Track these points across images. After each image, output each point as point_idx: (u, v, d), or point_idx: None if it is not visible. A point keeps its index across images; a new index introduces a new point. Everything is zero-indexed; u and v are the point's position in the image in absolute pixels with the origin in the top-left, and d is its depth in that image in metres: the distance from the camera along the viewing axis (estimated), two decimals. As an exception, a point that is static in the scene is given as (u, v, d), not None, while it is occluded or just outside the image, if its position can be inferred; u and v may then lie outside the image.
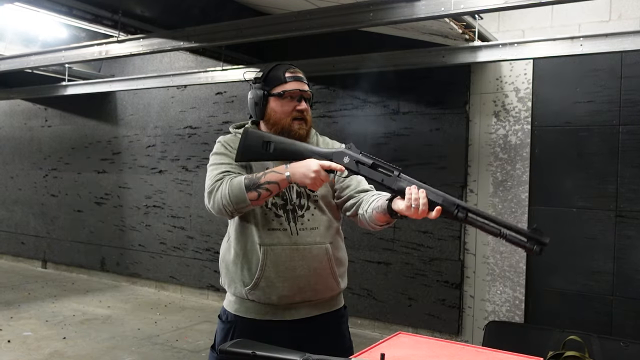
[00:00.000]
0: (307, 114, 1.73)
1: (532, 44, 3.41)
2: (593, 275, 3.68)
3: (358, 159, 1.53)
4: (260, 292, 1.66)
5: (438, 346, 1.52)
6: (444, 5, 2.65)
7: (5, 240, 7.35)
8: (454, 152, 4.13)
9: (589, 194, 3.68)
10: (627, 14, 3.58)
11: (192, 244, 5.62)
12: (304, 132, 1.71)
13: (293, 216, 1.67)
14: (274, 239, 1.65)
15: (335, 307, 1.79)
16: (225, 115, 5.41)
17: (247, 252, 1.68)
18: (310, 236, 1.68)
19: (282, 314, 1.69)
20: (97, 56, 4.01)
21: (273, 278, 1.64)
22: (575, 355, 3.23)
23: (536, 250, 1.38)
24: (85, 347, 3.97)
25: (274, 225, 1.66)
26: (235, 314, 1.73)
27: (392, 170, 1.50)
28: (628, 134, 3.57)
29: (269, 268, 1.64)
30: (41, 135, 6.96)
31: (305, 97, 1.73)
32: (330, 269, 1.71)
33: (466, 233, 4.12)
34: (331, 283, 1.72)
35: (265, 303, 1.68)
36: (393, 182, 1.48)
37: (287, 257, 1.65)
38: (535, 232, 1.38)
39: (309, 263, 1.66)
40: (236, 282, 1.71)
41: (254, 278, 1.65)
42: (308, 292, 1.68)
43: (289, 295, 1.66)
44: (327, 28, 3.05)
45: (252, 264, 1.67)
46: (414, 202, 1.43)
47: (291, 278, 1.65)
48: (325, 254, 1.69)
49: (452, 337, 4.12)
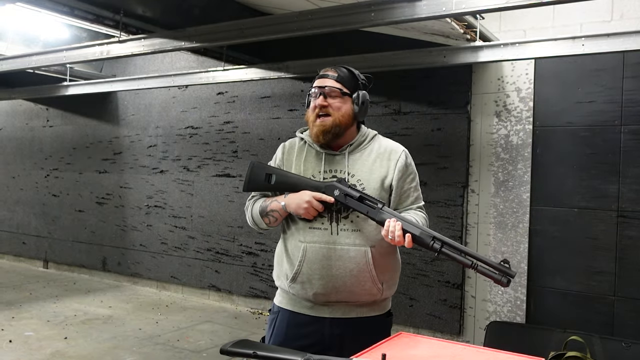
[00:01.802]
0: (330, 108, 1.75)
1: (534, 44, 3.41)
2: (595, 276, 3.67)
3: (347, 192, 1.69)
4: (299, 287, 1.74)
5: (439, 346, 1.52)
6: (445, 5, 2.65)
7: (6, 240, 7.36)
8: (456, 152, 4.13)
9: (590, 194, 3.68)
10: (629, 14, 3.57)
11: (193, 244, 5.62)
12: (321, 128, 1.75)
13: (337, 216, 1.73)
14: (314, 237, 1.73)
15: (376, 313, 1.79)
16: (226, 115, 5.41)
17: (291, 247, 1.77)
18: (349, 237, 1.72)
19: (320, 311, 1.75)
20: (98, 56, 4.01)
21: (310, 274, 1.72)
22: (577, 356, 3.22)
23: (503, 281, 1.54)
24: (86, 347, 3.98)
25: (316, 224, 1.74)
26: (279, 305, 1.84)
27: (376, 203, 1.66)
28: (630, 134, 3.57)
29: (307, 265, 1.72)
30: (42, 135, 6.97)
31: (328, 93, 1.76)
32: (369, 272, 1.71)
33: (467, 233, 4.12)
34: (370, 287, 1.73)
35: (304, 298, 1.76)
36: (376, 214, 1.65)
37: (323, 255, 1.71)
38: (504, 265, 1.53)
39: (345, 264, 1.70)
40: (282, 275, 1.81)
41: (293, 272, 1.74)
42: (344, 292, 1.72)
43: (324, 293, 1.72)
44: (328, 28, 3.05)
45: (294, 258, 1.75)
46: (390, 233, 1.60)
47: (327, 276, 1.70)
48: (364, 256, 1.71)
49: (453, 338, 4.12)
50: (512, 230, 3.93)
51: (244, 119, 5.26)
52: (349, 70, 1.81)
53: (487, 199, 4.03)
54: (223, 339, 4.20)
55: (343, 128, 1.77)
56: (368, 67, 3.95)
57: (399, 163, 1.80)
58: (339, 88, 1.77)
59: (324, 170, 1.78)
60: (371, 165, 1.79)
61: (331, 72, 1.80)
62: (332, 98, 1.76)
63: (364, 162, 1.79)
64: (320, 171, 1.78)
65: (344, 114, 1.76)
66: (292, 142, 1.90)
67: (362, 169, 1.78)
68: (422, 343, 1.52)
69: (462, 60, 3.64)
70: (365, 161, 1.79)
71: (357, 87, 1.81)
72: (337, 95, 1.76)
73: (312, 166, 1.80)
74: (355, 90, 1.80)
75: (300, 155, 1.83)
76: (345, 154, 1.79)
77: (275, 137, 5.00)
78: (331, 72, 1.80)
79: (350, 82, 1.79)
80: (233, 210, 5.33)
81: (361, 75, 1.84)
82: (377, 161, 1.80)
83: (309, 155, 1.83)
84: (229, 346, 1.35)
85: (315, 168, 1.80)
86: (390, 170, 1.79)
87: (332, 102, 1.76)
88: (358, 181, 1.75)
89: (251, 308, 5.20)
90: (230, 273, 5.33)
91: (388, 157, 1.81)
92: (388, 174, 1.78)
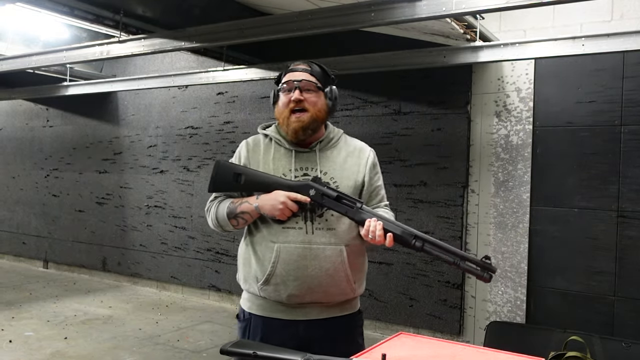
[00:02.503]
0: (307, 103, 1.69)
1: (534, 44, 3.41)
2: (595, 276, 3.67)
3: (323, 191, 1.63)
4: (271, 289, 1.67)
5: (439, 346, 1.52)
6: (445, 5, 2.64)
7: (6, 240, 7.36)
8: (456, 152, 4.13)
9: (590, 194, 3.68)
10: (629, 14, 3.57)
11: (193, 244, 5.62)
12: (300, 125, 1.68)
13: (311, 215, 1.67)
14: (288, 236, 1.66)
15: (348, 312, 1.76)
16: (226, 115, 5.41)
17: (261, 248, 1.70)
18: (325, 236, 1.67)
19: (294, 314, 1.69)
20: (98, 56, 4.01)
21: (284, 276, 1.65)
22: (577, 356, 3.22)
23: (486, 277, 1.54)
24: (86, 347, 3.98)
25: (290, 223, 1.67)
26: (249, 311, 1.76)
27: (354, 202, 1.62)
28: (630, 134, 3.57)
29: (281, 265, 1.65)
30: (42, 135, 6.97)
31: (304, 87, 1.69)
32: (344, 272, 1.68)
33: (467, 234, 4.12)
34: (344, 287, 1.70)
35: (276, 301, 1.69)
36: (355, 214, 1.61)
37: (299, 255, 1.64)
38: (485, 262, 1.53)
39: (321, 263, 1.65)
40: (250, 279, 1.73)
41: (265, 274, 1.66)
42: (319, 293, 1.67)
43: (299, 294, 1.66)
44: (328, 28, 3.05)
45: (265, 260, 1.67)
46: (370, 232, 1.57)
47: (302, 277, 1.64)
48: (340, 255, 1.67)
49: (453, 338, 4.12)
50: (512, 230, 3.93)
51: (244, 119, 5.26)
52: (319, 65, 1.76)
53: (487, 199, 4.03)
54: (223, 339, 4.20)
55: (319, 124, 1.72)
56: (368, 67, 3.96)
57: (369, 161, 1.78)
58: (314, 82, 1.71)
59: (295, 168, 1.72)
60: (343, 162, 1.75)
61: (304, 65, 1.73)
62: (307, 92, 1.69)
63: (335, 159, 1.75)
64: (291, 169, 1.71)
65: (320, 109, 1.71)
66: (256, 139, 1.81)
67: (334, 167, 1.73)
68: (422, 343, 1.52)
69: (462, 60, 3.64)
70: (337, 158, 1.75)
71: (328, 81, 1.76)
72: (313, 89, 1.70)
73: (282, 164, 1.73)
74: (327, 85, 1.75)
75: (268, 153, 1.75)
76: (315, 150, 1.74)
77: (275, 137, 4.98)
78: (304, 66, 1.73)
79: (322, 77, 1.74)
80: (233, 210, 5.32)
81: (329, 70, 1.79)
82: (349, 159, 1.76)
83: (277, 153, 1.75)
84: (229, 346, 1.35)
85: (285, 166, 1.72)
86: (362, 168, 1.76)
87: (307, 96, 1.69)
88: (331, 179, 1.71)
89: (251, 308, 5.19)
90: (230, 273, 5.33)
91: (358, 155, 1.78)
92: (359, 172, 1.75)
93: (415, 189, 4.27)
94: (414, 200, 4.27)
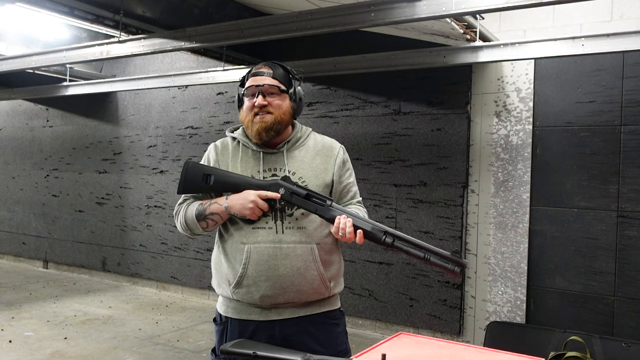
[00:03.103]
0: (271, 107, 1.69)
1: (534, 44, 3.41)
2: (595, 276, 3.67)
3: (293, 190, 1.63)
4: (244, 291, 1.66)
5: (439, 346, 1.52)
6: (445, 6, 2.65)
7: (6, 241, 7.36)
8: (456, 152, 4.13)
9: (590, 194, 3.68)
10: (629, 14, 3.57)
11: (193, 244, 5.62)
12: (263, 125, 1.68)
13: (280, 215, 1.67)
14: (258, 236, 1.65)
15: (325, 309, 1.74)
16: (226, 115, 5.41)
17: (232, 250, 1.69)
18: (295, 235, 1.66)
19: (269, 314, 1.68)
20: (98, 56, 4.01)
21: (255, 277, 1.64)
22: (577, 356, 3.22)
23: (456, 270, 1.52)
24: (86, 347, 3.98)
25: (260, 224, 1.66)
26: (224, 315, 1.74)
27: (324, 200, 1.61)
28: (630, 134, 3.57)
29: (252, 266, 1.64)
30: (42, 135, 6.97)
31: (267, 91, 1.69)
32: (316, 270, 1.66)
33: (467, 234, 4.12)
34: (318, 285, 1.68)
35: (249, 303, 1.67)
36: (325, 212, 1.61)
37: (269, 255, 1.63)
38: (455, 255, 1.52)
39: (292, 262, 1.64)
40: (223, 282, 1.72)
41: (237, 276, 1.65)
42: (291, 293, 1.65)
43: (271, 295, 1.64)
44: (328, 28, 3.05)
45: (236, 262, 1.66)
46: (340, 230, 1.57)
47: (273, 277, 1.63)
48: (311, 254, 1.66)
49: (453, 338, 4.12)
50: (512, 231, 3.93)
51: (244, 119, 5.26)
52: (282, 66, 1.75)
53: (487, 199, 4.03)
54: (223, 339, 4.20)
55: (284, 125, 1.72)
56: (368, 67, 3.96)
57: (338, 159, 1.77)
58: (277, 85, 1.70)
59: (264, 169, 1.71)
60: (311, 161, 1.74)
61: (266, 69, 1.72)
62: (270, 96, 1.69)
63: (303, 158, 1.75)
64: (260, 170, 1.71)
65: (285, 112, 1.71)
66: (224, 142, 1.80)
67: (302, 166, 1.73)
68: (422, 343, 1.52)
69: (462, 61, 3.64)
70: (304, 158, 1.75)
71: (291, 82, 1.75)
72: (276, 92, 1.70)
73: (250, 166, 1.73)
74: (291, 86, 1.74)
75: (236, 156, 1.75)
76: (283, 151, 1.74)
77: (275, 137, 4.98)
78: (266, 70, 1.72)
79: (285, 78, 1.73)
80: (233, 211, 5.32)
81: (294, 70, 1.78)
82: (317, 158, 1.76)
83: (244, 155, 1.74)
84: (229, 346, 1.35)
85: (254, 168, 1.72)
86: (330, 166, 1.75)
87: (271, 100, 1.69)
88: (300, 178, 1.70)
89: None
90: (230, 273, 5.33)
91: (327, 153, 1.78)
92: (328, 170, 1.75)
93: (415, 189, 4.27)
94: (414, 200, 4.27)
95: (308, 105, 4.86)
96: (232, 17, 3.87)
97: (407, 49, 3.82)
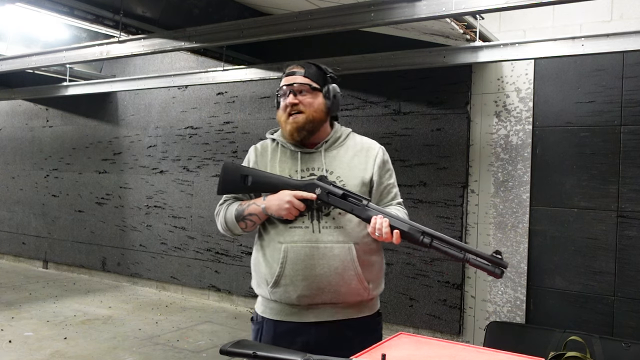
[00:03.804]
0: (302, 106, 1.70)
1: (534, 44, 3.41)
2: (594, 276, 3.67)
3: (329, 189, 1.63)
4: (281, 291, 1.67)
5: (439, 346, 1.52)
6: (445, 6, 2.65)
7: (6, 241, 7.36)
8: (456, 152, 4.13)
9: (590, 194, 3.68)
10: (629, 14, 3.57)
11: (193, 244, 5.62)
12: (295, 126, 1.69)
13: (317, 214, 1.67)
14: (294, 236, 1.66)
15: (364, 314, 1.73)
16: (226, 115, 5.41)
17: (270, 250, 1.70)
18: (332, 235, 1.66)
19: (306, 316, 1.67)
20: (98, 56, 4.01)
21: (293, 276, 1.64)
22: (577, 356, 3.22)
23: (497, 273, 1.51)
24: (86, 347, 3.97)
25: (296, 223, 1.67)
26: (262, 315, 1.76)
27: (361, 200, 1.62)
28: (630, 134, 3.57)
29: (289, 266, 1.65)
30: (42, 135, 6.97)
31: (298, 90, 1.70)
32: (354, 270, 1.65)
33: (467, 234, 4.12)
34: (356, 286, 1.67)
35: (287, 303, 1.68)
36: (362, 211, 1.61)
37: (306, 255, 1.64)
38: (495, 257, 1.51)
39: (329, 262, 1.63)
40: (261, 282, 1.74)
41: (274, 276, 1.66)
42: (329, 293, 1.65)
43: (309, 295, 1.64)
44: (328, 28, 3.05)
45: (273, 261, 1.68)
46: (377, 230, 1.57)
47: (310, 277, 1.63)
48: (349, 253, 1.65)
49: (453, 338, 4.12)
50: (512, 231, 3.93)
51: (244, 119, 5.26)
52: (316, 65, 1.76)
53: (486, 199, 4.03)
54: (223, 339, 4.20)
55: (317, 124, 1.72)
56: (368, 67, 3.96)
57: (377, 159, 1.76)
58: (308, 83, 1.71)
59: (301, 169, 1.72)
60: (349, 161, 1.74)
61: (298, 68, 1.74)
62: (302, 95, 1.71)
63: (342, 158, 1.74)
64: (297, 170, 1.72)
65: (317, 109, 1.71)
66: (264, 144, 1.83)
67: (340, 166, 1.73)
68: (422, 343, 1.52)
69: (461, 61, 3.64)
70: (343, 158, 1.75)
71: (326, 81, 1.75)
72: (307, 90, 1.71)
73: (287, 166, 1.74)
74: (325, 84, 1.74)
75: (275, 157, 1.77)
76: (321, 151, 1.74)
77: (275, 137, 4.99)
78: (298, 69, 1.73)
79: (318, 77, 1.74)
80: (233, 211, 5.33)
81: (329, 69, 1.79)
82: (356, 158, 1.75)
83: (283, 156, 1.76)
84: (228, 346, 1.35)
85: (291, 168, 1.73)
86: (369, 166, 1.75)
87: (302, 98, 1.70)
88: (337, 178, 1.70)
89: (251, 308, 5.19)
90: (229, 273, 5.33)
91: (366, 153, 1.77)
92: (367, 170, 1.74)
93: (415, 189, 4.27)
94: (414, 200, 4.27)
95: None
96: (232, 17, 3.87)
97: (407, 49, 3.83)
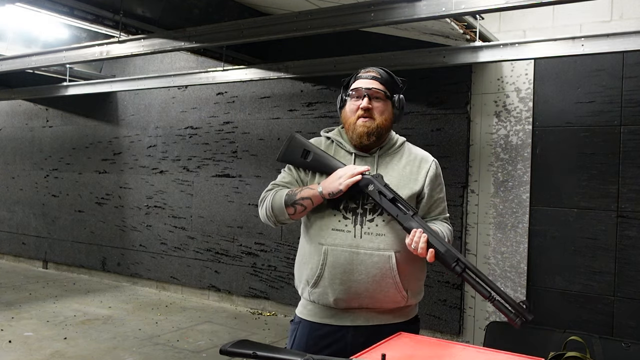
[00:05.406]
0: (374, 112, 1.69)
1: (533, 44, 3.41)
2: (594, 276, 3.67)
3: (381, 190, 1.61)
4: (319, 292, 1.68)
5: (439, 346, 1.52)
6: (445, 6, 2.65)
7: (6, 241, 7.36)
8: (455, 152, 4.13)
9: (590, 194, 3.68)
10: (629, 14, 3.57)
11: (193, 244, 5.62)
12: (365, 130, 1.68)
13: (361, 219, 1.66)
14: (335, 239, 1.66)
15: (400, 320, 1.72)
16: (226, 115, 5.41)
17: (311, 251, 1.71)
18: (373, 241, 1.64)
19: (342, 319, 1.68)
20: (98, 56, 4.01)
21: (331, 279, 1.65)
22: (577, 356, 3.22)
23: (517, 322, 1.50)
24: (86, 347, 3.97)
25: (339, 226, 1.67)
26: (300, 316, 1.77)
27: (408, 209, 1.60)
28: (630, 134, 3.57)
29: (328, 268, 1.65)
30: (42, 135, 6.97)
31: (373, 95, 1.69)
32: (392, 279, 1.64)
33: (467, 234, 4.12)
34: (394, 294, 1.66)
35: (324, 305, 1.69)
36: (406, 220, 1.59)
37: (345, 259, 1.64)
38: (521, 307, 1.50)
39: (368, 269, 1.63)
40: (302, 282, 1.75)
41: (314, 276, 1.67)
42: (366, 299, 1.65)
43: (345, 299, 1.65)
44: (328, 28, 3.05)
45: (313, 262, 1.68)
46: (414, 242, 1.56)
47: (348, 281, 1.63)
48: (388, 262, 1.64)
49: (453, 338, 4.12)
50: (512, 231, 3.93)
51: (244, 119, 5.26)
52: (388, 73, 1.74)
53: (486, 199, 4.03)
54: (223, 339, 4.20)
55: (384, 131, 1.72)
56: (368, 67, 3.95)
57: (430, 172, 1.74)
58: (384, 91, 1.70)
59: None
60: (401, 170, 1.73)
61: (375, 73, 1.72)
62: (376, 101, 1.69)
63: (394, 167, 1.74)
64: None
65: (387, 118, 1.71)
66: (317, 141, 1.82)
67: (392, 174, 1.71)
68: (422, 343, 1.52)
69: (461, 61, 3.64)
70: (396, 166, 1.74)
71: (395, 90, 1.75)
72: (382, 97, 1.70)
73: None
74: (395, 93, 1.74)
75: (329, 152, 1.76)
76: (375, 156, 1.74)
77: (275, 137, 5.00)
78: (375, 74, 1.72)
79: (391, 85, 1.73)
80: (233, 211, 5.33)
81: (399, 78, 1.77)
82: (407, 167, 1.74)
83: (337, 155, 1.75)
84: (228, 346, 1.35)
85: None
86: (421, 178, 1.73)
87: (376, 105, 1.69)
88: None
89: (251, 308, 5.19)
90: (229, 273, 5.33)
91: (419, 165, 1.75)
92: (418, 181, 1.72)
93: (415, 189, 4.27)
94: (414, 201, 4.27)
95: (308, 105, 4.87)
96: (232, 17, 3.87)
97: (407, 49, 3.82)
